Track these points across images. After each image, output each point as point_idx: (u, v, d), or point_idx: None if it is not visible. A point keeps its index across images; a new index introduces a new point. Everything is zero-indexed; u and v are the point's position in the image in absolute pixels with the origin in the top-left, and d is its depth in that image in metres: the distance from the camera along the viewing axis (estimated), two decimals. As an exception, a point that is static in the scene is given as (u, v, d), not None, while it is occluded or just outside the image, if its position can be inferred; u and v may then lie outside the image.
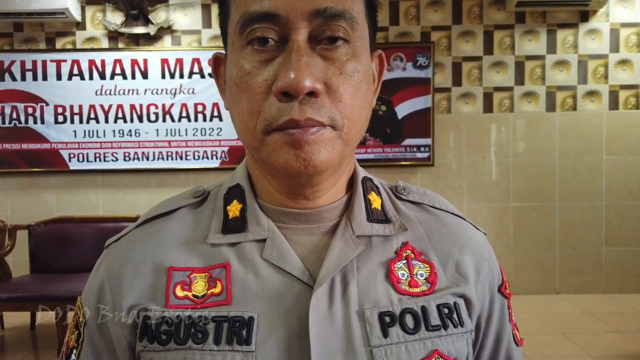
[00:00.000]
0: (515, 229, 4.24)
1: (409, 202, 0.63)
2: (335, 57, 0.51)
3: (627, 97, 4.19)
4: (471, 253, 0.61)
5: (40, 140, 4.09)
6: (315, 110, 0.49)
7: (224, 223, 0.58)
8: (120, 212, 4.05)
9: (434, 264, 0.58)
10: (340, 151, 0.52)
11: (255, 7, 0.50)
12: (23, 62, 4.06)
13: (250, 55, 0.51)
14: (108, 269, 0.58)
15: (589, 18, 4.15)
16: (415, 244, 0.59)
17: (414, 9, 4.17)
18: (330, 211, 0.58)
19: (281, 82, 0.48)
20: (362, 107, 0.53)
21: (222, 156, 4.14)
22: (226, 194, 0.60)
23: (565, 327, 3.41)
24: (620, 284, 4.22)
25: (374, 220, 0.59)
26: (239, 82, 0.52)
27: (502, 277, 0.64)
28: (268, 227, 0.56)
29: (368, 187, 0.61)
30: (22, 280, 3.24)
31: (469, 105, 4.21)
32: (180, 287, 0.54)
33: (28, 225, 3.49)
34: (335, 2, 0.50)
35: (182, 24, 4.16)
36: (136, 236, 0.60)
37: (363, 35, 0.54)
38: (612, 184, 4.21)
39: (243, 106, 0.52)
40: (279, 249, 0.55)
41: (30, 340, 3.36)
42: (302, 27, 0.50)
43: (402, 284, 0.56)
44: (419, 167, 4.18)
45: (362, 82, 0.53)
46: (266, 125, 0.51)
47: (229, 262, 0.55)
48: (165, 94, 4.12)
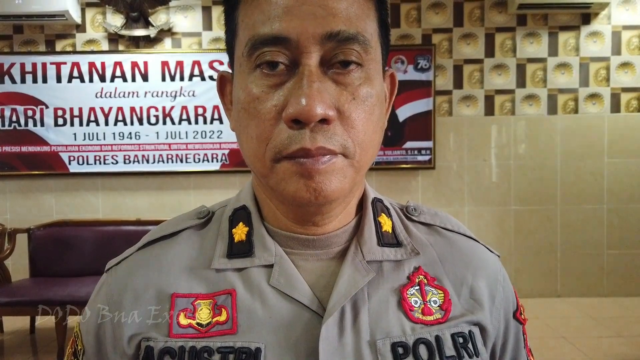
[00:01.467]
0: (516, 232, 4.23)
1: (420, 223, 0.61)
2: (348, 82, 0.49)
3: (629, 100, 4.18)
4: (485, 278, 0.59)
5: (40, 143, 4.08)
6: (327, 139, 0.48)
7: (229, 247, 0.56)
8: (120, 215, 4.04)
9: (447, 290, 0.56)
10: (352, 179, 0.51)
11: (265, 30, 0.48)
12: (23, 64, 4.05)
13: (259, 79, 0.49)
14: (108, 295, 0.56)
15: (591, 21, 4.14)
16: (428, 269, 0.57)
17: (415, 12, 4.16)
18: (339, 236, 0.56)
19: (292, 109, 0.47)
20: (374, 132, 0.52)
21: (222, 159, 4.13)
22: (231, 216, 0.58)
23: (567, 331, 3.40)
24: (622, 288, 4.21)
25: (385, 244, 0.57)
26: (247, 107, 0.50)
27: (517, 301, 0.63)
28: (275, 252, 0.54)
29: (378, 209, 0.59)
30: (22, 284, 3.23)
31: (470, 108, 4.19)
32: (183, 315, 0.52)
33: (28, 229, 3.48)
34: (349, 24, 0.48)
35: (183, 26, 4.15)
36: (137, 260, 0.57)
37: (376, 58, 0.52)
38: (613, 187, 4.20)
39: (251, 132, 0.50)
40: (287, 276, 0.53)
41: (30, 344, 3.35)
42: (313, 51, 0.48)
43: (415, 312, 0.54)
44: (420, 169, 4.17)
45: (375, 106, 0.51)
46: (276, 153, 0.49)
47: (234, 289, 0.53)
48: (166, 96, 4.10)
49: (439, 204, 4.21)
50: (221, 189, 4.14)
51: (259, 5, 0.49)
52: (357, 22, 0.49)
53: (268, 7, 0.48)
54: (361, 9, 0.50)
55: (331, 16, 0.48)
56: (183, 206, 4.16)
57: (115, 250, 2.89)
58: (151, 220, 3.65)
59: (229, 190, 4.14)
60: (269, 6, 0.48)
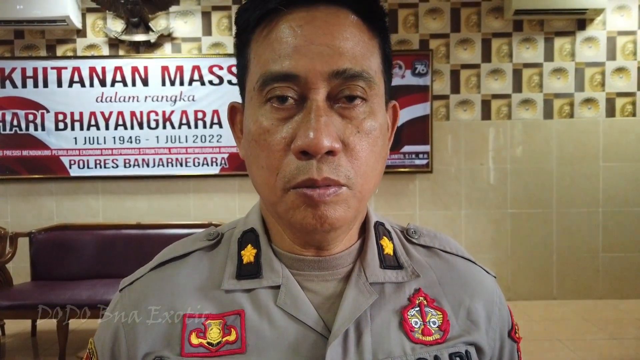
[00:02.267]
0: (512, 235, 4.27)
1: (420, 246, 0.64)
2: (353, 116, 0.52)
3: (624, 105, 4.23)
4: (482, 300, 0.62)
5: (40, 147, 4.11)
6: (332, 170, 0.51)
7: (239, 268, 0.58)
8: (120, 219, 4.07)
9: (446, 311, 0.59)
10: (355, 209, 0.54)
11: (276, 68, 0.51)
12: (24, 69, 4.08)
13: (269, 112, 0.52)
14: (122, 316, 0.58)
15: (586, 26, 4.19)
16: (428, 291, 0.60)
17: (413, 17, 4.20)
18: (344, 258, 0.59)
19: (300, 141, 0.50)
20: (376, 162, 0.55)
21: (222, 163, 4.16)
22: (240, 238, 0.61)
23: (562, 333, 3.44)
24: (617, 290, 4.25)
25: (387, 266, 0.60)
26: (257, 138, 0.53)
27: (512, 321, 0.66)
28: (282, 273, 0.57)
29: (380, 232, 0.62)
30: (23, 287, 3.26)
31: (467, 112, 4.24)
32: (195, 335, 0.54)
33: (29, 233, 3.51)
34: (354, 62, 0.52)
35: (182, 31, 4.19)
36: (150, 280, 0.60)
37: (380, 92, 0.55)
38: (609, 190, 4.25)
39: (262, 162, 0.53)
40: (293, 297, 0.56)
41: (31, 347, 3.37)
42: (321, 87, 0.51)
43: (416, 333, 0.56)
44: (417, 173, 4.21)
45: (379, 138, 0.55)
46: (285, 183, 0.52)
47: (243, 309, 0.55)
48: (166, 101, 4.14)
49: (436, 207, 4.26)
50: (220, 192, 4.18)
51: (271, 44, 0.53)
52: (362, 61, 0.52)
53: (279, 46, 0.52)
54: (366, 47, 0.54)
55: (338, 55, 0.51)
56: (183, 209, 4.20)
57: (115, 253, 2.94)
58: (151, 224, 3.69)
59: (228, 194, 4.17)
60: (279, 45, 0.52)
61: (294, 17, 0.52)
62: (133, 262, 3.97)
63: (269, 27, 0.53)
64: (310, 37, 0.51)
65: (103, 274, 3.42)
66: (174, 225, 3.67)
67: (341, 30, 0.52)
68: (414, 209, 4.24)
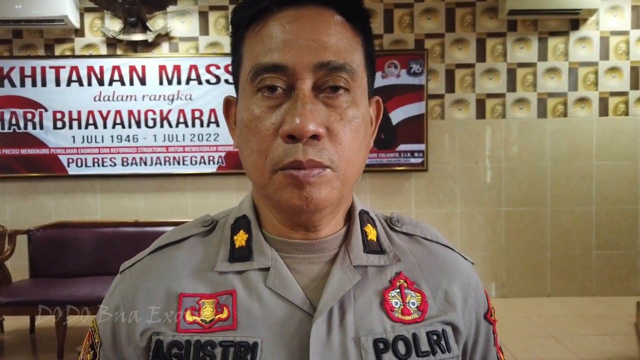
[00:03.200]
0: (507, 233, 4.32)
1: (402, 233, 0.68)
2: (337, 104, 0.57)
3: (617, 104, 4.28)
4: (459, 283, 0.66)
5: (39, 145, 4.14)
6: (317, 152, 0.54)
7: (231, 252, 0.62)
8: (118, 217, 4.11)
9: (425, 293, 0.63)
10: (339, 191, 0.58)
11: (266, 59, 0.56)
12: (22, 68, 4.11)
13: (260, 101, 0.57)
14: (122, 295, 0.63)
15: (580, 26, 4.24)
16: (408, 274, 0.64)
17: (408, 17, 4.24)
18: (330, 242, 0.62)
19: (288, 126, 0.54)
20: (359, 149, 0.59)
21: (219, 161, 4.20)
22: (233, 224, 0.65)
23: (556, 330, 3.48)
24: (610, 287, 4.31)
25: (370, 251, 0.63)
26: (249, 124, 0.57)
27: (488, 304, 0.70)
28: (272, 256, 0.61)
29: (364, 220, 0.66)
30: (22, 284, 3.29)
31: (462, 111, 4.28)
32: (190, 312, 0.58)
33: (27, 230, 3.54)
34: (338, 55, 0.56)
35: (180, 31, 4.22)
36: (149, 263, 0.64)
37: (362, 84, 0.60)
38: (602, 188, 4.30)
39: (253, 147, 0.57)
40: (282, 278, 0.59)
41: (30, 344, 3.40)
42: (307, 78, 0.55)
43: (396, 312, 0.60)
44: (413, 172, 4.25)
45: (361, 126, 0.58)
46: (273, 165, 0.56)
47: (235, 290, 0.59)
48: (163, 100, 4.17)
49: (431, 205, 4.30)
50: (218, 190, 4.21)
51: (262, 39, 0.57)
52: (346, 54, 0.57)
53: (269, 41, 0.57)
54: (349, 43, 0.58)
55: (323, 49, 0.56)
56: (180, 208, 4.23)
57: (113, 251, 2.99)
58: (149, 222, 3.72)
59: (226, 192, 4.20)
60: (270, 40, 0.57)
61: (284, 15, 0.57)
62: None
63: (261, 24, 0.58)
64: (298, 32, 0.56)
65: (101, 272, 3.45)
66: (172, 223, 3.69)
67: (326, 27, 0.57)
68: (410, 207, 4.29)
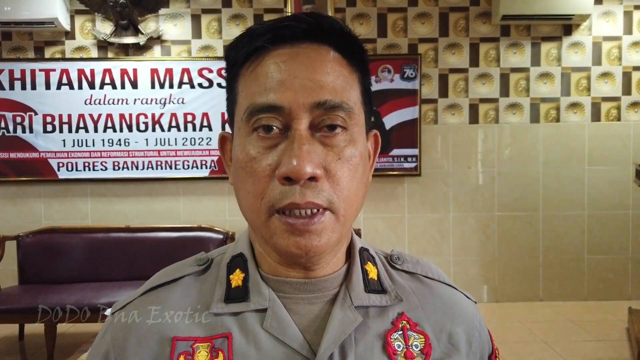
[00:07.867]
0: (499, 237, 4.32)
1: (403, 271, 0.66)
2: (334, 144, 0.55)
3: (609, 109, 4.29)
4: (463, 324, 0.64)
5: (28, 149, 4.09)
6: (315, 194, 0.53)
7: (227, 292, 0.60)
8: (109, 222, 4.07)
9: (428, 335, 0.60)
10: (339, 233, 0.56)
11: (262, 100, 0.55)
12: (12, 71, 4.06)
13: (256, 141, 0.55)
14: (113, 338, 0.59)
15: (572, 32, 4.25)
16: (411, 315, 0.61)
17: (402, 22, 4.23)
18: (329, 281, 0.60)
19: (284, 168, 0.52)
20: (358, 188, 0.57)
21: (211, 165, 4.17)
22: (229, 263, 0.62)
23: (548, 335, 3.49)
24: (602, 292, 4.32)
25: (371, 290, 0.61)
26: (244, 165, 0.56)
27: (493, 345, 0.68)
28: (269, 296, 0.58)
29: (365, 258, 0.64)
30: (11, 291, 3.24)
31: (455, 116, 4.28)
32: (183, 358, 0.55)
33: (17, 236, 3.49)
34: (334, 94, 0.55)
35: (172, 34, 4.18)
36: (141, 305, 0.61)
37: (359, 122, 0.58)
38: (594, 193, 4.31)
39: (248, 188, 0.56)
40: (279, 320, 0.57)
41: (19, 351, 3.36)
42: (303, 118, 0.54)
43: (399, 356, 0.58)
44: (406, 176, 4.24)
45: (359, 165, 0.57)
46: (269, 207, 0.54)
47: (230, 332, 0.57)
48: (155, 103, 4.13)
49: (424, 210, 4.29)
50: (210, 195, 4.18)
51: (257, 78, 0.56)
52: (342, 93, 0.56)
53: (265, 80, 0.55)
54: (346, 81, 0.57)
55: (319, 88, 0.54)
56: (172, 212, 4.20)
57: (104, 256, 2.96)
58: (141, 227, 3.69)
59: (218, 197, 4.18)
60: (265, 79, 0.55)
61: (279, 53, 0.56)
62: (122, 265, 3.93)
63: (256, 62, 0.57)
64: (293, 71, 0.55)
65: (92, 278, 3.41)
66: (164, 229, 3.67)
67: (322, 65, 0.56)
68: (403, 212, 4.28)
